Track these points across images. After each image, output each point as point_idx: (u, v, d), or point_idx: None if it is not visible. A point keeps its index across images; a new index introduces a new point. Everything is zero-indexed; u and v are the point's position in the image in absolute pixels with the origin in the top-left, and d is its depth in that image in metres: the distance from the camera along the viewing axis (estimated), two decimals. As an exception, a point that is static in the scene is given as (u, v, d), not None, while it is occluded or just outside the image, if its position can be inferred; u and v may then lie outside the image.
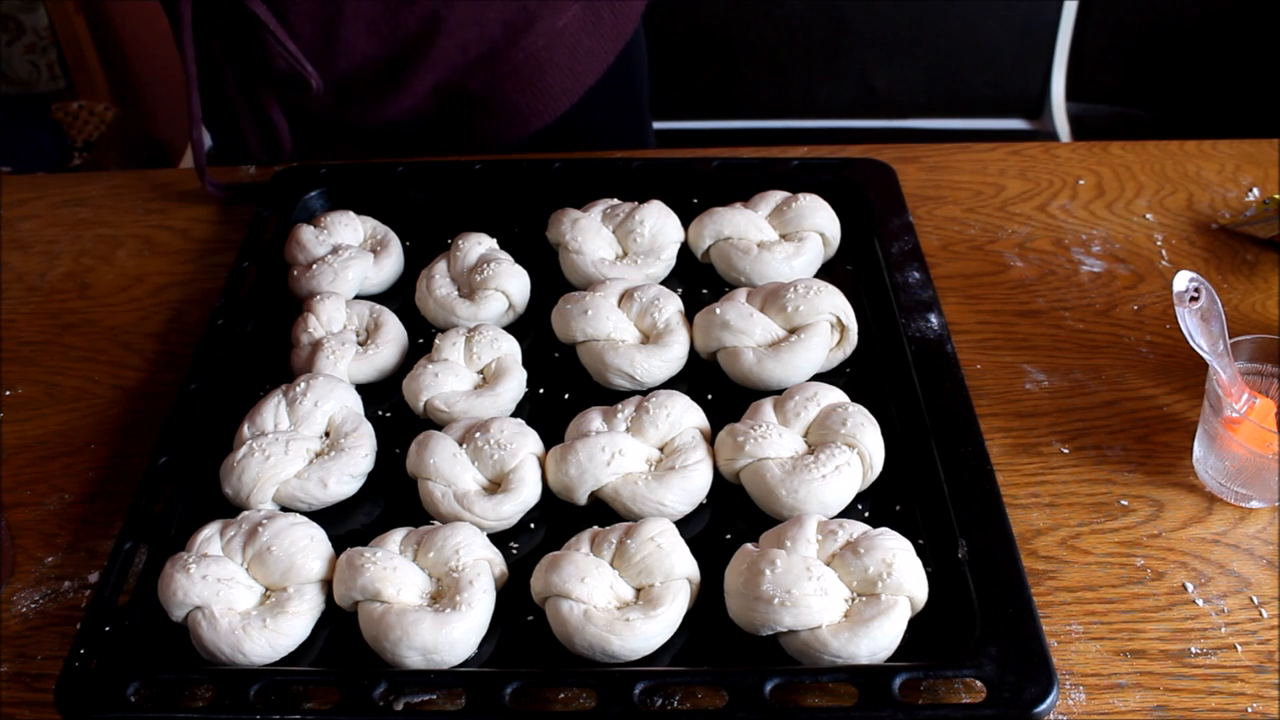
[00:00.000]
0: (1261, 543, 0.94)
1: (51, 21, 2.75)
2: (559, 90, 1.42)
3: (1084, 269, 1.22)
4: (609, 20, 1.42)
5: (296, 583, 0.86)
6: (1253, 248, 1.24)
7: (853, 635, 0.80)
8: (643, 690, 0.78)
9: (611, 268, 1.15)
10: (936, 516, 0.91)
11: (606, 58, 1.44)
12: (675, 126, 2.57)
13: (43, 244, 1.33)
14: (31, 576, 0.94)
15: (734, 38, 2.50)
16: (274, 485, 0.93)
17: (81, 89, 2.84)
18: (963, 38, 2.48)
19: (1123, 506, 0.97)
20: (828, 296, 1.05)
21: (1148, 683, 0.83)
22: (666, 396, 0.98)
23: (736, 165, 1.29)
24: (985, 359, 1.11)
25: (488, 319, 1.11)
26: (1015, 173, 1.37)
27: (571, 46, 1.40)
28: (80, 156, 2.72)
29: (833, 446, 0.93)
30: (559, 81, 1.41)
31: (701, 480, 0.93)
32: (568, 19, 1.37)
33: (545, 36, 1.36)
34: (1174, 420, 1.04)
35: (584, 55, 1.41)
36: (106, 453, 1.05)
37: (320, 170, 1.30)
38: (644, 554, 0.84)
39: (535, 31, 1.35)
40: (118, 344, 1.18)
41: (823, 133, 2.54)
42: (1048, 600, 0.89)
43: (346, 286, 1.14)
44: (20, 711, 0.84)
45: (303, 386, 0.99)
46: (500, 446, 0.93)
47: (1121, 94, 2.65)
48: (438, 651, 0.81)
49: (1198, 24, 2.51)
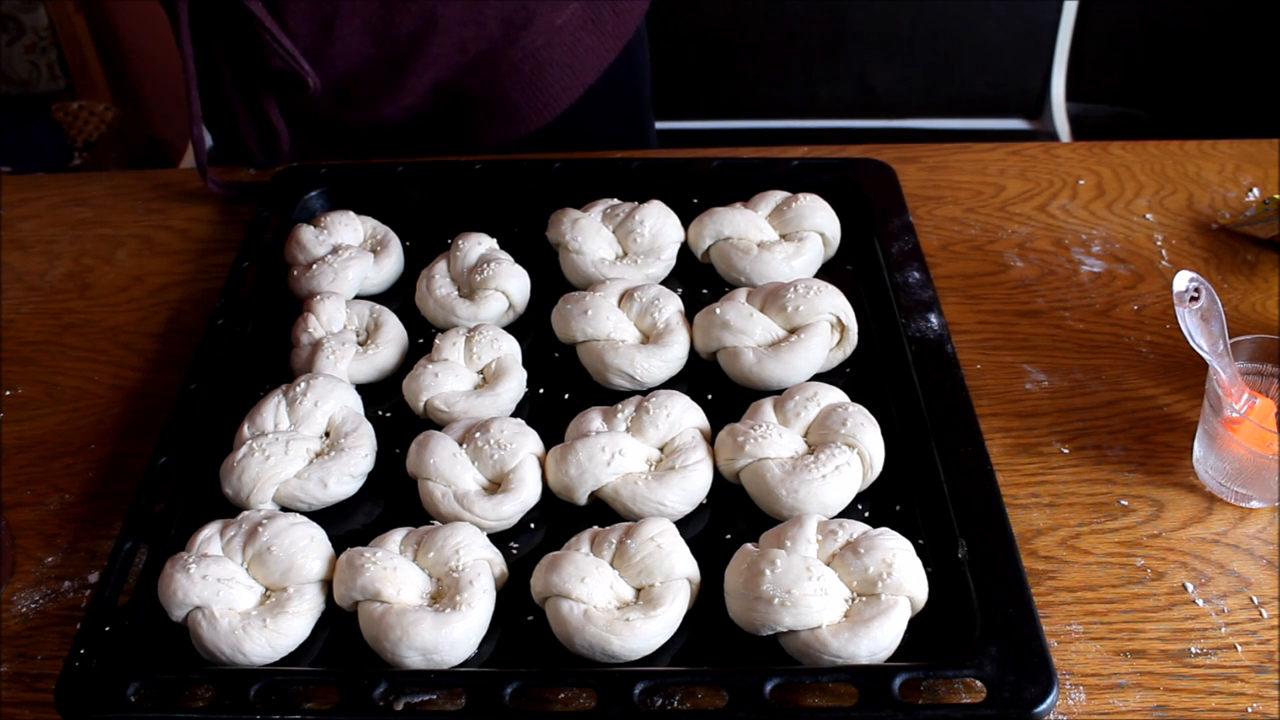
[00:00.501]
0: (1261, 543, 0.94)
1: (51, 21, 2.75)
2: (559, 89, 1.41)
3: (1084, 269, 1.22)
4: (610, 19, 1.42)
5: (296, 583, 0.86)
6: (1253, 248, 1.24)
7: (853, 635, 0.80)
8: (643, 690, 0.78)
9: (611, 268, 1.15)
10: (936, 516, 0.91)
11: (607, 56, 1.44)
12: (676, 126, 2.57)
13: (43, 244, 1.33)
14: (31, 576, 0.94)
15: (734, 38, 2.50)
16: (274, 485, 0.93)
17: (81, 89, 2.84)
18: (963, 38, 2.48)
19: (1123, 506, 0.97)
20: (828, 296, 1.05)
21: (1148, 683, 0.83)
22: (666, 396, 0.98)
23: (736, 165, 1.29)
24: (985, 359, 1.11)
25: (488, 319, 1.11)
26: (1015, 173, 1.37)
27: (571, 44, 1.39)
28: (80, 156, 2.72)
29: (833, 446, 0.93)
30: (558, 80, 1.41)
31: (701, 480, 0.93)
32: (567, 17, 1.37)
33: (544, 35, 1.36)
34: (1174, 420, 1.04)
35: (584, 54, 1.41)
36: (106, 453, 1.05)
37: (320, 170, 1.30)
38: (644, 554, 0.84)
39: (534, 29, 1.35)
40: (118, 344, 1.18)
41: (823, 133, 2.54)
42: (1048, 600, 0.89)
43: (346, 286, 1.14)
44: (20, 711, 0.84)
45: (303, 386, 0.99)
46: (500, 446, 0.93)
47: (1121, 94, 2.65)
48: (438, 651, 0.81)
49: (1198, 24, 2.51)
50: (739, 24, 2.48)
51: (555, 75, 1.40)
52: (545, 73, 1.39)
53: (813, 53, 2.52)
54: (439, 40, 1.31)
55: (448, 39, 1.32)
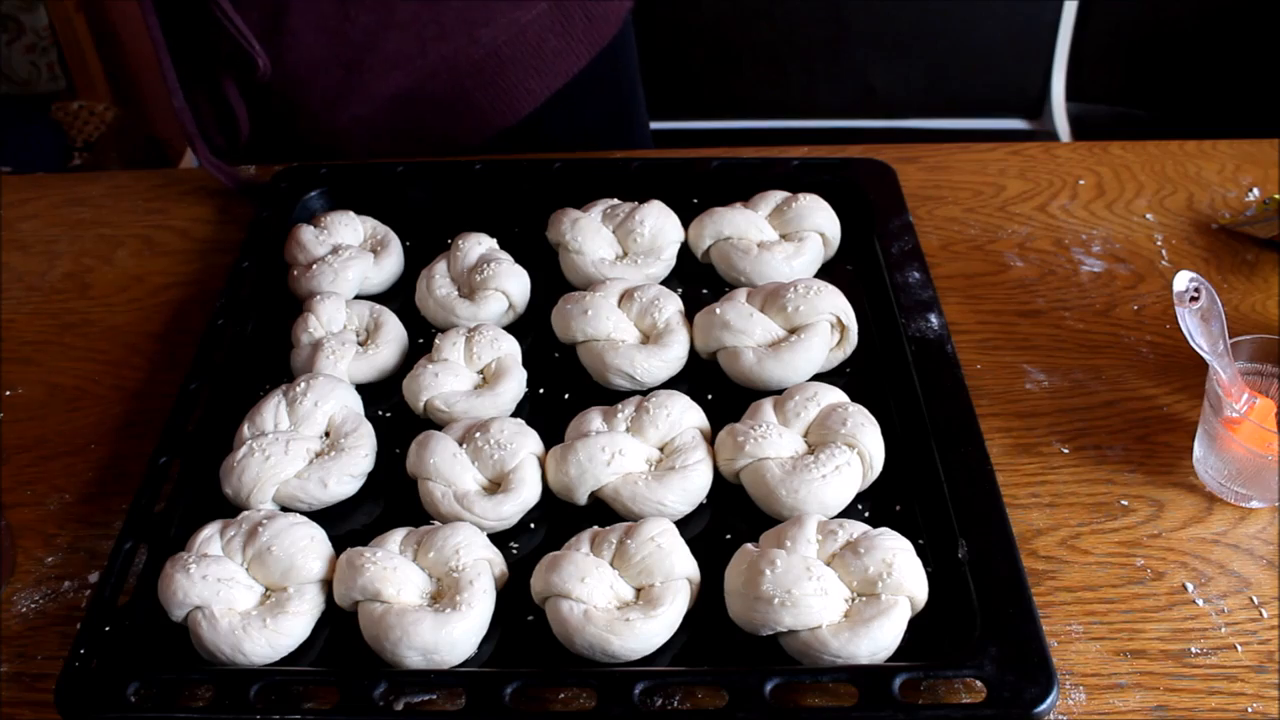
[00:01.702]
0: (1261, 543, 0.94)
1: (51, 21, 2.75)
2: (521, 90, 1.39)
3: (1084, 269, 1.22)
4: (580, 24, 1.39)
5: (296, 583, 0.86)
6: (1253, 248, 1.24)
7: (853, 635, 0.80)
8: (643, 690, 0.78)
9: (611, 268, 1.15)
10: (936, 516, 0.91)
11: (578, 61, 1.42)
12: (674, 126, 2.57)
13: (43, 244, 1.33)
14: (31, 576, 0.94)
15: (734, 38, 2.50)
16: (274, 485, 0.93)
17: (81, 89, 2.84)
18: (963, 38, 2.49)
19: (1123, 506, 0.97)
20: (828, 296, 1.05)
21: (1148, 683, 0.83)
22: (666, 396, 0.98)
23: (736, 165, 1.29)
24: (985, 359, 1.11)
25: (488, 319, 1.11)
26: (1015, 173, 1.37)
27: (536, 46, 1.37)
28: (80, 156, 2.72)
29: (833, 446, 0.93)
30: (520, 81, 1.39)
31: (701, 480, 0.93)
32: (532, 16, 1.35)
33: (506, 31, 1.34)
34: (1174, 420, 1.04)
35: (550, 56, 1.39)
36: (106, 453, 1.05)
37: (320, 170, 1.30)
38: (644, 554, 0.84)
39: (495, 26, 1.33)
40: (118, 344, 1.18)
41: (823, 133, 2.55)
42: (1048, 600, 0.89)
43: (346, 286, 1.14)
44: (20, 711, 0.84)
45: (303, 386, 0.99)
46: (500, 446, 0.93)
47: (1121, 94, 2.65)
48: (438, 651, 0.81)
49: (1198, 24, 2.51)
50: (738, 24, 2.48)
51: (517, 76, 1.38)
52: (507, 71, 1.37)
53: (813, 53, 2.52)
54: (396, 39, 1.29)
55: (406, 38, 1.29)
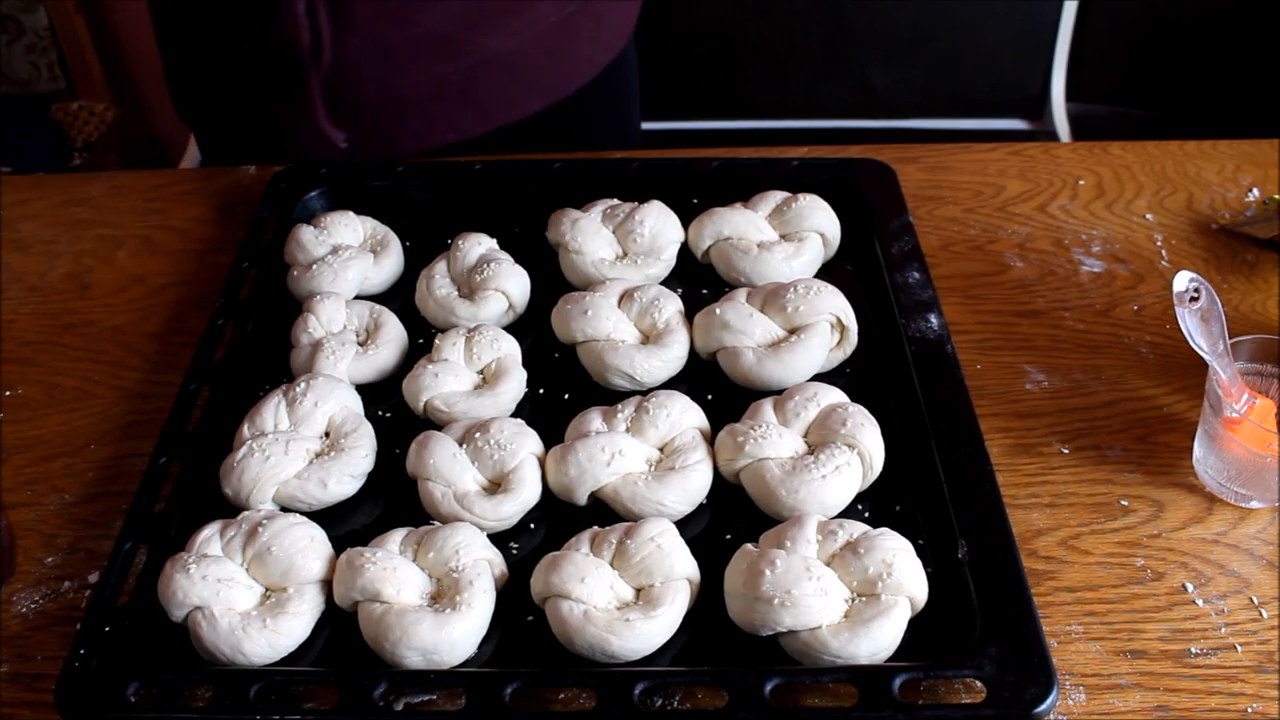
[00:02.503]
0: (1261, 543, 0.94)
1: (51, 21, 2.75)
2: (540, 87, 1.40)
3: (1084, 269, 1.22)
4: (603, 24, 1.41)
5: (296, 583, 0.86)
6: (1253, 248, 1.24)
7: (853, 635, 0.80)
8: (643, 690, 0.78)
9: (611, 268, 1.15)
10: (936, 516, 0.91)
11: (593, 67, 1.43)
12: (674, 127, 2.57)
13: (43, 244, 1.33)
14: (31, 576, 0.94)
15: (733, 38, 2.50)
16: (274, 485, 0.93)
17: (81, 89, 2.84)
18: (963, 38, 2.48)
19: (1123, 506, 0.97)
20: (828, 297, 1.05)
21: (1148, 683, 0.83)
22: (666, 396, 0.98)
23: (736, 165, 1.29)
24: (985, 359, 1.11)
25: (488, 319, 1.11)
26: (1015, 173, 1.37)
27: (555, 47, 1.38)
28: (80, 156, 2.72)
29: (833, 447, 0.93)
30: (540, 77, 1.40)
31: (701, 480, 0.93)
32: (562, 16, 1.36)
33: (535, 27, 1.35)
34: (1174, 420, 1.04)
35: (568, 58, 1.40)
36: (106, 453, 1.05)
37: (320, 170, 1.30)
38: (644, 554, 0.84)
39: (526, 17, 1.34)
40: (118, 344, 1.18)
41: (823, 133, 2.54)
42: (1048, 600, 0.89)
43: (346, 286, 1.14)
44: (20, 711, 0.84)
45: (303, 386, 0.99)
46: (500, 447, 0.93)
47: (1121, 94, 2.65)
48: (438, 652, 0.81)
49: (1198, 24, 2.51)
50: (739, 24, 2.48)
51: (536, 73, 1.39)
52: (527, 66, 1.38)
53: (813, 53, 2.52)
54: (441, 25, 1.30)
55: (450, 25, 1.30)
